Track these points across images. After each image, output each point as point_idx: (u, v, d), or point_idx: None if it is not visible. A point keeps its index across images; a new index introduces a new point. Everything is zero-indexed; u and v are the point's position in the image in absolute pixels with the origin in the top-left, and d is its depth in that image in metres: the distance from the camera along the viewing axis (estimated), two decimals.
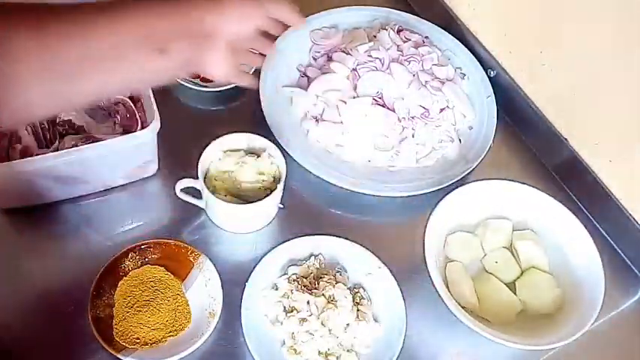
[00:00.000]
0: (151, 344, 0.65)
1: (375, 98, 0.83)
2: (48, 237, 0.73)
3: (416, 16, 0.97)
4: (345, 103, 0.82)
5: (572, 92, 0.81)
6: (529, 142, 0.89)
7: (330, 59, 0.88)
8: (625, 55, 0.72)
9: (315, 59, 0.91)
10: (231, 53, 0.61)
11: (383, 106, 0.83)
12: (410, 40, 0.90)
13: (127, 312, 0.66)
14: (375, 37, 0.90)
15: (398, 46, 0.88)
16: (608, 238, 0.81)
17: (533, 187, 0.75)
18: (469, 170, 0.81)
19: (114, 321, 0.66)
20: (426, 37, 0.92)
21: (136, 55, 0.54)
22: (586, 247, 0.71)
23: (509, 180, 0.75)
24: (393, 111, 0.83)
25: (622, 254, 0.80)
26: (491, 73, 0.91)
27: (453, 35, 0.95)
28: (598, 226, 0.81)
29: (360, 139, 0.82)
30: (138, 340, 0.65)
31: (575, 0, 0.75)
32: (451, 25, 0.96)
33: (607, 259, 0.72)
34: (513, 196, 0.75)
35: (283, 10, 0.65)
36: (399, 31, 0.90)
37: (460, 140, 0.85)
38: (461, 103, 0.86)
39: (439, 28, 0.95)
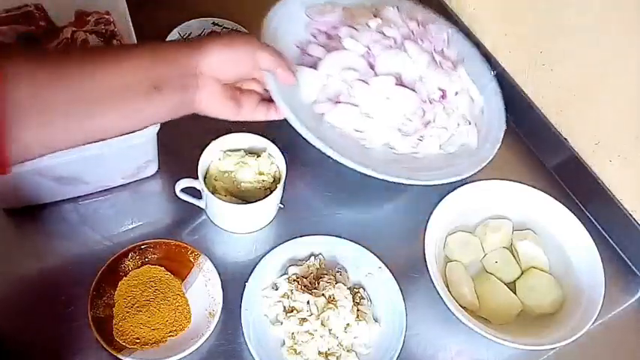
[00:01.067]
0: (151, 344, 0.65)
1: (396, 78, 0.74)
2: (48, 237, 0.73)
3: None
4: (368, 83, 0.73)
5: (572, 92, 0.81)
6: (529, 142, 0.89)
7: (330, 37, 0.78)
8: (625, 54, 0.72)
9: (314, 36, 0.80)
10: (221, 91, 0.62)
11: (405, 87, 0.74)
12: (416, 18, 0.81)
13: (127, 312, 0.66)
14: (376, 17, 0.80)
15: (407, 24, 0.80)
16: (608, 238, 0.81)
17: (533, 187, 0.75)
18: (494, 155, 0.75)
19: (114, 321, 0.65)
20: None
21: (135, 94, 0.56)
22: (586, 247, 0.71)
23: (509, 180, 0.75)
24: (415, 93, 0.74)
25: (622, 254, 0.80)
26: (491, 73, 0.91)
27: None
28: (598, 226, 0.81)
29: (382, 123, 0.73)
30: (138, 340, 0.65)
31: (575, 0, 0.76)
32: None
33: (607, 259, 0.72)
34: (513, 196, 0.75)
35: (273, 61, 0.64)
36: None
37: (476, 124, 0.78)
38: (471, 85, 0.80)
39: (435, 16, 0.88)
